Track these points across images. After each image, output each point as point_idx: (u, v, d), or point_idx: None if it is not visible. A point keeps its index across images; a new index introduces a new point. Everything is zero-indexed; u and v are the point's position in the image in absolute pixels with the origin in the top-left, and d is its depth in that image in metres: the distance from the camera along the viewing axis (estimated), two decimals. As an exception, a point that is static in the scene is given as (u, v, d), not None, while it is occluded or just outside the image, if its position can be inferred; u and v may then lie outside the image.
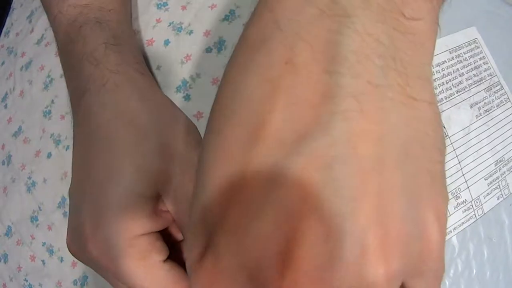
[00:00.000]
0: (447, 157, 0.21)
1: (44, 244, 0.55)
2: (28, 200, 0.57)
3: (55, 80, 0.57)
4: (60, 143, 0.54)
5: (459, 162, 0.21)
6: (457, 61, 0.22)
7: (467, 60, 0.22)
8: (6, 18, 0.72)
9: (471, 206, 0.21)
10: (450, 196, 0.22)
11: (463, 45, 0.22)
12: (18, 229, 0.58)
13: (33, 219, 0.56)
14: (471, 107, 0.22)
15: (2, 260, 0.59)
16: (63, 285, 0.53)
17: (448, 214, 0.21)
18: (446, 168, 0.20)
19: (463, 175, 0.21)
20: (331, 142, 0.11)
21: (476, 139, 0.22)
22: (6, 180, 0.60)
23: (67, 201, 0.53)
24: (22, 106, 0.60)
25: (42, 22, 0.63)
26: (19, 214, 0.58)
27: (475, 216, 0.21)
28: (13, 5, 0.72)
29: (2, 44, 0.70)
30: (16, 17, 0.70)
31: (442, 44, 0.22)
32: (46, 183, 0.55)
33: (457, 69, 0.22)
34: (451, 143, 0.21)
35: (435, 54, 0.21)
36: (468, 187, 0.21)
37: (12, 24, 0.70)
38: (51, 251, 0.54)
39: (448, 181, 0.21)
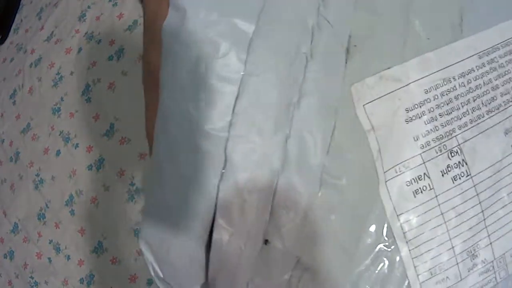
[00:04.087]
0: (467, 205, 0.15)
1: (51, 241, 0.55)
2: (36, 197, 0.57)
3: (65, 78, 0.57)
4: (69, 141, 0.54)
5: (483, 211, 0.16)
6: (490, 68, 0.16)
7: (503, 67, 0.16)
8: (15, 15, 0.72)
9: (491, 268, 0.16)
10: (465, 255, 0.16)
11: (498, 46, 0.16)
12: (24, 226, 0.58)
13: (40, 216, 0.56)
14: (506, 133, 0.16)
15: (8, 257, 0.59)
16: (69, 283, 0.53)
17: (459, 277, 0.16)
18: (465, 219, 0.15)
19: (485, 227, 0.16)
20: None
21: (510, 178, 0.16)
22: (14, 177, 0.60)
23: (75, 199, 0.53)
24: (31, 103, 0.60)
25: (52, 19, 0.63)
26: (26, 211, 0.58)
27: (495, 279, 0.17)
28: (23, 1, 0.72)
29: (11, 40, 0.70)
30: (25, 13, 0.70)
31: (468, 46, 0.16)
32: (54, 181, 0.55)
33: (489, 80, 0.16)
34: (474, 186, 0.15)
35: (457, 61, 0.16)
36: (490, 243, 0.16)
37: (21, 21, 0.70)
38: (58, 249, 0.54)
39: (466, 235, 0.16)
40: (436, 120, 0.15)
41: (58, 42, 0.60)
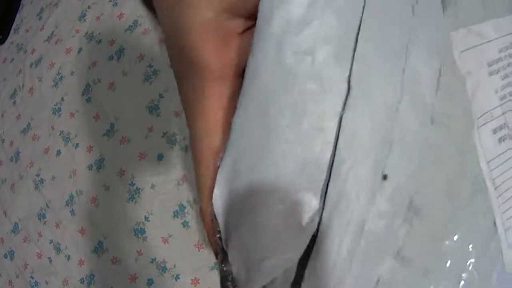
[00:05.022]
0: None
1: (51, 241, 0.55)
2: (36, 197, 0.57)
3: (65, 78, 0.57)
4: (70, 141, 0.54)
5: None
6: None
7: None
8: (15, 15, 0.72)
9: None
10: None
11: None
12: (25, 226, 0.58)
13: (41, 216, 0.56)
14: None
15: (9, 257, 0.59)
16: (69, 283, 0.53)
17: None
18: None
19: None
20: None
21: None
22: (14, 176, 0.60)
23: (75, 199, 0.53)
24: (31, 103, 0.60)
25: (52, 19, 0.63)
26: (27, 211, 0.58)
27: None
28: (23, 1, 0.72)
29: (12, 40, 0.70)
30: (25, 13, 0.70)
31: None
32: (54, 181, 0.55)
33: None
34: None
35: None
36: None
37: (21, 21, 0.70)
38: (58, 249, 0.54)
39: None
40: (508, 77, 0.17)
41: (58, 42, 0.60)
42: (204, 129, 0.16)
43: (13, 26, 0.71)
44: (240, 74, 0.16)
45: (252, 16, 0.15)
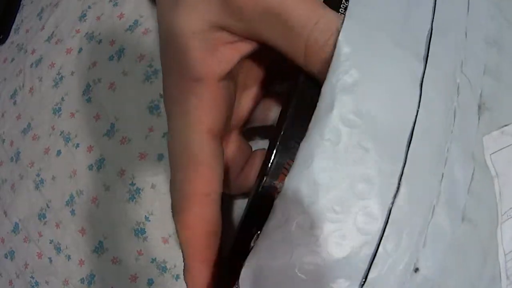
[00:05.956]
0: None
1: (51, 241, 0.55)
2: (36, 197, 0.57)
3: (65, 78, 0.57)
4: (70, 140, 0.54)
5: None
6: None
7: None
8: (16, 15, 0.72)
9: None
10: None
11: None
12: (25, 226, 0.58)
13: (41, 216, 0.56)
14: None
15: (9, 257, 0.59)
16: (70, 283, 0.53)
17: None
18: None
19: None
20: None
21: None
22: (14, 176, 0.60)
23: (76, 199, 0.53)
24: (32, 103, 0.60)
25: (52, 19, 0.63)
26: (27, 211, 0.58)
27: None
28: (23, 1, 0.72)
29: (12, 40, 0.70)
30: (26, 13, 0.70)
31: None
32: (54, 181, 0.55)
33: None
34: None
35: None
36: None
37: (22, 21, 0.70)
38: (58, 249, 0.54)
39: None
40: None
41: (58, 42, 0.60)
42: (182, 127, 0.16)
43: (13, 26, 0.71)
44: (221, 79, 0.16)
45: (240, 34, 0.16)
